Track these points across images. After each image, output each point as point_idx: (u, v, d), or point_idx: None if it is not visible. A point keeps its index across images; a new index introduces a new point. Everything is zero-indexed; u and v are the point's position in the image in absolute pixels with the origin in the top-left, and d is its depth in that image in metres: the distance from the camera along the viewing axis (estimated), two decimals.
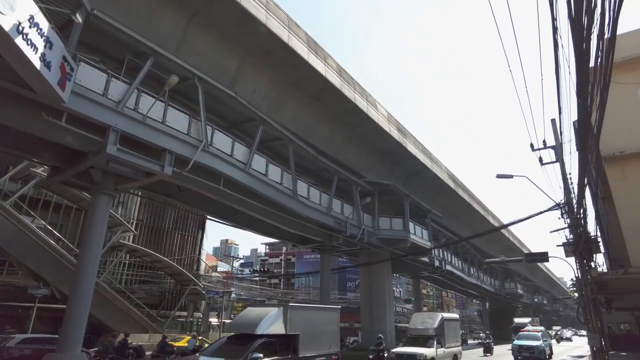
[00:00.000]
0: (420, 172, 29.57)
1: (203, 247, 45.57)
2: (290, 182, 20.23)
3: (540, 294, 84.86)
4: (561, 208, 15.41)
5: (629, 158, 12.33)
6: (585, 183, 12.54)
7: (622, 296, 17.52)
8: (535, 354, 22.79)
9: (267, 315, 10.51)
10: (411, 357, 16.41)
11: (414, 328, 19.64)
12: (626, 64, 12.73)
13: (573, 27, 5.79)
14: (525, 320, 39.00)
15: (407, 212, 27.91)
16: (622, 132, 12.61)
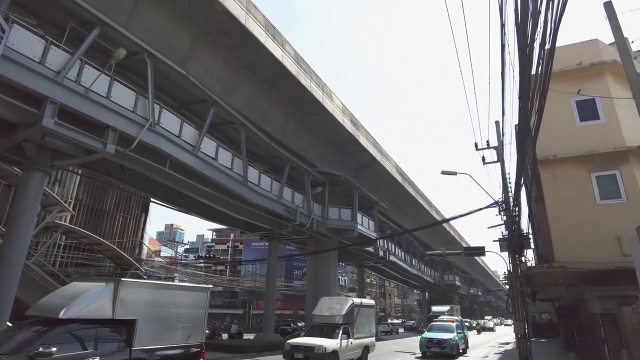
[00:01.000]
0: (370, 165, 30.18)
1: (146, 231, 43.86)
2: (240, 167, 19.90)
3: (476, 285, 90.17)
4: (499, 206, 16.37)
5: (561, 162, 13.26)
6: (521, 183, 13.39)
7: (545, 289, 19.00)
8: (446, 349, 19.02)
9: (84, 294, 7.82)
10: (307, 349, 13.51)
11: (319, 315, 16.17)
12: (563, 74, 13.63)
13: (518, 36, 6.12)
14: (444, 309, 35.51)
15: (356, 203, 28.46)
16: (556, 137, 13.52)
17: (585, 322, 13.92)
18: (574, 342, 18.79)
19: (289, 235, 26.25)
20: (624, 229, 9.08)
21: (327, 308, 16.19)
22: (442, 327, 21.31)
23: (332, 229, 27.26)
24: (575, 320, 17.80)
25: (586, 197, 12.60)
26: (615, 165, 12.58)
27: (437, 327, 21.49)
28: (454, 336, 19.79)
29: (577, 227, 12.16)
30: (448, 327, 21.05)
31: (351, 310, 15.94)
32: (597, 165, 12.81)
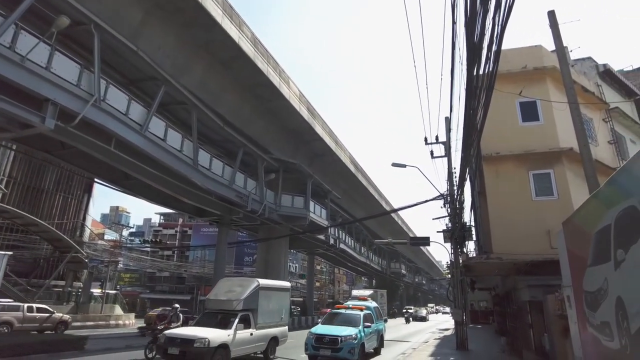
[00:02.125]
0: (325, 154, 30.34)
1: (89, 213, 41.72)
2: (191, 150, 19.32)
3: (420, 274, 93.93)
4: (444, 198, 17.05)
5: (503, 159, 13.98)
6: (465, 177, 14.01)
7: (483, 278, 20.12)
8: (342, 352, 12.07)
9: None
10: (185, 342, 10.47)
11: (214, 299, 13.07)
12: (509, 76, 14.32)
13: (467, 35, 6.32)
14: (365, 293, 27.69)
15: (309, 192, 28.59)
16: (500, 136, 14.22)
17: (516, 309, 14.91)
18: (506, 328, 20.09)
19: (240, 221, 25.94)
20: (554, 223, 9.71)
21: (225, 291, 13.07)
22: (344, 318, 14.08)
23: (284, 216, 27.23)
24: (507, 308, 19.02)
25: (524, 194, 13.37)
26: (550, 164, 13.43)
27: (338, 317, 14.23)
28: (356, 332, 12.71)
29: (514, 221, 12.91)
30: (351, 318, 13.81)
31: (254, 293, 12.71)
32: (534, 163, 13.60)
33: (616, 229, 5.07)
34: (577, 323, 7.37)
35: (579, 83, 14.65)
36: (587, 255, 6.36)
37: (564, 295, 8.36)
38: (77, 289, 35.37)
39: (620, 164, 13.78)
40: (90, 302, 32.38)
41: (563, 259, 7.99)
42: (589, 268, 6.32)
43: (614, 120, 16.47)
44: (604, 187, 5.80)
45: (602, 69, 19.33)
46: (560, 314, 9.16)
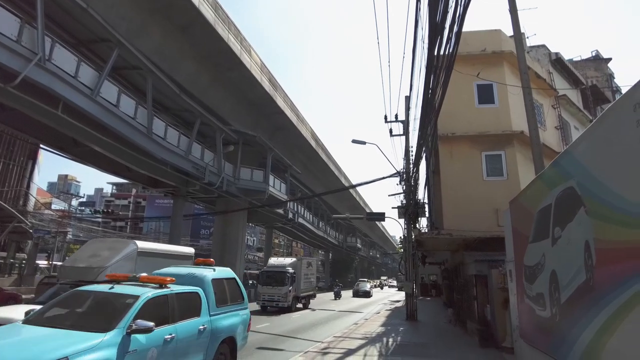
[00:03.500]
0: (286, 128, 30.04)
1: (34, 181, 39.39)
2: (145, 118, 18.49)
3: (375, 248, 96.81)
4: (400, 176, 17.45)
5: (457, 140, 14.43)
6: (421, 156, 14.36)
7: (434, 253, 21.01)
8: None
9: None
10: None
11: (70, 267, 10.16)
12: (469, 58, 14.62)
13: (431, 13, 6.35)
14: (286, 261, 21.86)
15: (269, 165, 28.36)
16: (457, 116, 14.61)
17: (463, 282, 15.75)
18: (453, 300, 21.24)
19: (197, 193, 25.41)
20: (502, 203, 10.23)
21: (89, 256, 9.98)
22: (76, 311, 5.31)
23: (243, 189, 26.95)
24: (455, 281, 20.05)
25: (476, 174, 13.93)
26: (502, 146, 14.01)
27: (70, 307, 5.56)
28: None
29: (465, 200, 13.46)
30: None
31: (129, 259, 9.77)
32: (487, 145, 14.14)
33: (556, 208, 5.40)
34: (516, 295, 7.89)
35: (533, 69, 15.22)
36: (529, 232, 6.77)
37: (506, 269, 8.89)
38: (20, 261, 33.68)
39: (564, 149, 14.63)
40: (35, 274, 30.97)
41: (508, 236, 8.46)
42: (530, 244, 6.73)
43: (562, 107, 17.35)
44: (548, 169, 6.13)
45: (554, 57, 20.19)
46: (502, 287, 9.78)
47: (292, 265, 21.46)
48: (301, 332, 13.68)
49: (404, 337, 12.47)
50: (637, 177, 3.47)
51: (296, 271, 21.35)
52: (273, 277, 20.32)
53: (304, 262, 23.52)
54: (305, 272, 22.79)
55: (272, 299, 19.99)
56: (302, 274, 22.23)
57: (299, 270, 21.66)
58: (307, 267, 23.43)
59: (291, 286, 20.36)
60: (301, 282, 21.96)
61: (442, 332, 13.87)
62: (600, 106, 22.40)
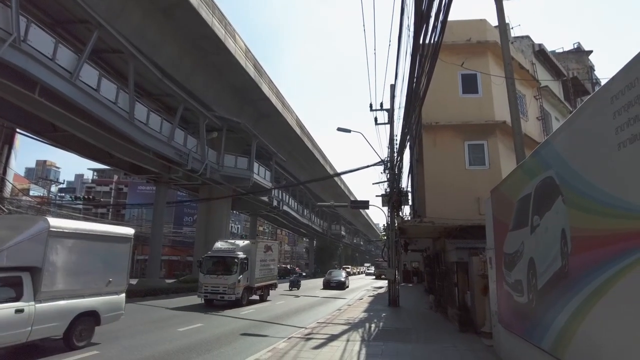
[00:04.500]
0: (271, 115, 29.82)
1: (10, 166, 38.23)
2: (127, 103, 18.11)
3: (359, 236, 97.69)
4: (384, 164, 17.55)
5: (441, 129, 14.55)
6: (405, 145, 14.45)
7: (416, 240, 21.31)
8: None
9: None
10: None
11: None
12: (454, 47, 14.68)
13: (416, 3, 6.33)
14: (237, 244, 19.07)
15: (254, 153, 28.20)
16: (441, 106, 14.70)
17: (444, 269, 16.05)
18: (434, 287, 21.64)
19: (180, 180, 25.13)
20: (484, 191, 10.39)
21: None
22: None
23: (227, 176, 26.77)
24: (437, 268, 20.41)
25: (458, 163, 14.10)
26: (485, 136, 14.19)
27: None
28: None
29: (447, 188, 13.64)
30: None
31: (36, 241, 7.82)
32: (470, 134, 14.30)
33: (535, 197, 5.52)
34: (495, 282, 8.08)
35: (517, 60, 15.37)
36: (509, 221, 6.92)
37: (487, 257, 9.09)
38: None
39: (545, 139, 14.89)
40: None
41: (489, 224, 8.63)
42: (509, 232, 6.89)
43: (544, 98, 17.62)
44: (528, 159, 6.25)
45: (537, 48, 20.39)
46: (482, 274, 10.00)
47: (244, 250, 17.95)
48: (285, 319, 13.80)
49: (386, 323, 12.70)
50: (611, 168, 3.57)
51: (250, 256, 17.89)
52: (218, 263, 17.18)
53: (261, 246, 19.76)
54: (262, 258, 19.34)
55: (217, 290, 16.60)
56: (258, 260, 18.76)
57: (253, 256, 18.17)
58: (264, 252, 19.90)
59: (241, 275, 17.06)
60: (256, 269, 18.45)
61: (423, 318, 14.17)
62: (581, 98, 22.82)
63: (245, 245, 18.53)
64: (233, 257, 17.07)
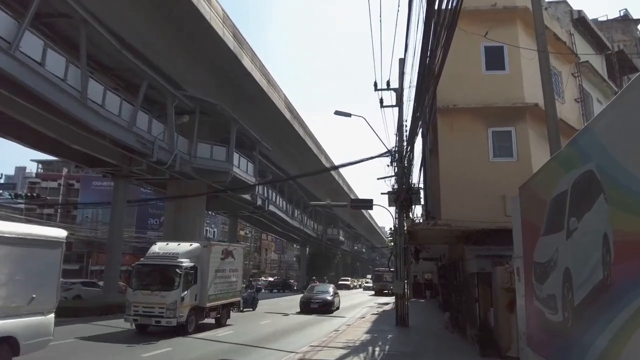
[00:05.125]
0: (254, 96, 29.72)
1: None
2: (78, 80, 17.98)
3: (360, 242, 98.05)
4: (392, 155, 17.58)
5: (460, 112, 14.56)
6: (417, 131, 14.49)
7: (429, 247, 21.44)
8: None
9: None
10: None
11: None
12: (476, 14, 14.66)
13: None
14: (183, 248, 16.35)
15: (234, 141, 28.14)
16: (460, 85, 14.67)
17: (462, 281, 16.15)
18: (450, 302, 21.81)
19: (143, 174, 25.01)
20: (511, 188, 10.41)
21: None
22: None
23: (201, 169, 26.73)
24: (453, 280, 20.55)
25: (480, 153, 14.14)
26: (512, 121, 14.23)
27: None
28: None
29: (467, 184, 13.68)
30: None
31: None
32: (495, 119, 14.34)
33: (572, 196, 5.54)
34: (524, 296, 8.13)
35: (551, 29, 15.37)
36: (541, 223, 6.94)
37: (513, 267, 9.13)
38: None
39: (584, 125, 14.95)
40: None
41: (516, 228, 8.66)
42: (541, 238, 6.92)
43: (583, 76, 17.67)
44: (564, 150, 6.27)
45: (576, 16, 20.37)
46: (508, 287, 10.06)
47: (191, 255, 15.76)
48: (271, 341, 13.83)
49: (393, 346, 12.77)
50: None
51: (200, 265, 15.83)
52: (154, 274, 15.18)
53: (216, 251, 17.48)
54: (219, 267, 17.22)
55: (151, 312, 14.16)
56: (213, 270, 16.60)
57: (204, 264, 16.08)
58: (222, 259, 17.60)
59: (187, 290, 14.83)
60: (210, 283, 16.33)
61: (437, 340, 14.27)
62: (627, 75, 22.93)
63: (193, 249, 16.16)
64: (174, 266, 14.82)
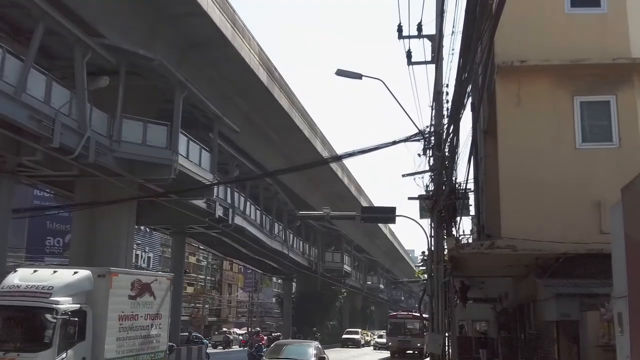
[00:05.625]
0: (210, 44, 29.58)
1: None
2: None
3: (377, 273, 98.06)
4: (424, 139, 17.49)
5: (531, 73, 14.40)
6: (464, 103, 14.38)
7: (483, 281, 21.38)
8: None
9: None
10: None
11: None
12: None
13: None
14: (45, 279, 15.48)
15: (179, 115, 27.91)
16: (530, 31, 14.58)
17: (534, 334, 16.10)
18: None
19: (38, 168, 24.89)
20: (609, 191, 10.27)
21: None
22: None
23: (128, 161, 26.61)
24: (521, 333, 20.54)
25: (562, 136, 14.10)
26: (612, 86, 14.17)
27: None
28: None
29: (540, 184, 13.63)
30: None
31: None
32: (585, 84, 14.30)
33: None
34: (630, 357, 8.08)
35: None
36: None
37: (613, 311, 9.07)
38: None
39: None
40: None
41: (618, 251, 8.59)
42: None
43: None
44: None
45: None
46: (605, 344, 10.00)
47: (74, 291, 15.09)
48: None
49: None
50: None
51: (92, 307, 15.18)
52: (9, 323, 14.51)
53: (122, 283, 16.70)
54: (127, 312, 16.63)
55: None
56: (113, 316, 15.82)
57: (100, 305, 15.49)
58: (132, 298, 17.03)
59: (66, 351, 14.01)
60: (109, 338, 15.60)
61: None
62: None
63: (78, 280, 15.46)
64: (43, 309, 13.93)
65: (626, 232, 8.17)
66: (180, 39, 28.76)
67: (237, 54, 30.87)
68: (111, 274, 16.09)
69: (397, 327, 47.42)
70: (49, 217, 47.20)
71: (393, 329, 48.29)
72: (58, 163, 24.21)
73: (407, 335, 44.09)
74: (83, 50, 23.71)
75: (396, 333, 46.50)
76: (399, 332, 46.06)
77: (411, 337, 43.01)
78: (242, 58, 31.40)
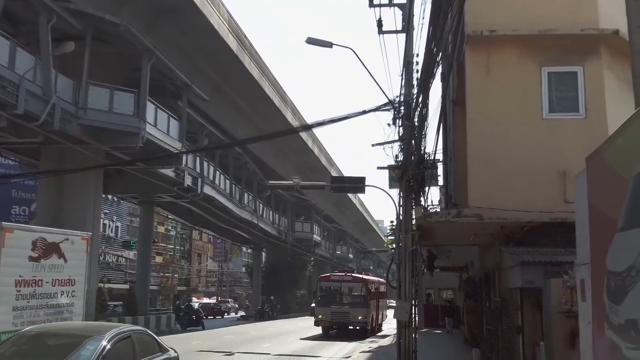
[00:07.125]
0: (178, 11, 29.24)
1: None
2: None
3: (347, 243, 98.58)
4: (394, 108, 17.50)
5: (499, 43, 14.41)
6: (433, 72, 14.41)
7: (450, 250, 21.58)
8: None
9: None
10: None
11: None
12: None
13: None
14: None
15: (147, 83, 27.71)
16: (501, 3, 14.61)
17: (499, 302, 16.27)
18: (481, 333, 22.09)
19: (2, 135, 24.60)
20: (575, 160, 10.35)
21: None
22: None
23: (94, 128, 26.47)
24: (486, 301, 20.78)
25: (530, 106, 14.17)
26: (580, 57, 14.25)
27: None
28: None
29: (508, 155, 13.73)
30: None
31: None
32: (553, 54, 14.35)
33: None
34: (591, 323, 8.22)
35: None
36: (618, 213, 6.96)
37: (575, 279, 9.22)
38: None
39: None
40: None
41: (581, 220, 8.69)
42: (618, 234, 6.95)
43: None
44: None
45: None
46: (567, 310, 10.15)
47: None
48: None
49: None
50: None
51: None
52: None
53: (17, 242, 14.86)
54: (27, 277, 14.98)
55: None
56: (8, 282, 14.33)
57: None
58: (34, 260, 15.35)
59: None
60: (1, 308, 14.09)
61: None
62: None
63: None
64: None
65: (590, 200, 8.29)
66: (148, 6, 28.43)
67: (206, 21, 30.59)
68: (4, 230, 14.10)
69: (330, 293, 36.89)
70: (14, 185, 46.62)
71: (325, 295, 36.81)
72: (23, 130, 23.99)
73: (345, 305, 34.72)
74: (48, 15, 23.39)
75: (329, 302, 35.61)
76: (333, 301, 35.53)
77: (350, 308, 34.32)
78: (211, 24, 31.12)
